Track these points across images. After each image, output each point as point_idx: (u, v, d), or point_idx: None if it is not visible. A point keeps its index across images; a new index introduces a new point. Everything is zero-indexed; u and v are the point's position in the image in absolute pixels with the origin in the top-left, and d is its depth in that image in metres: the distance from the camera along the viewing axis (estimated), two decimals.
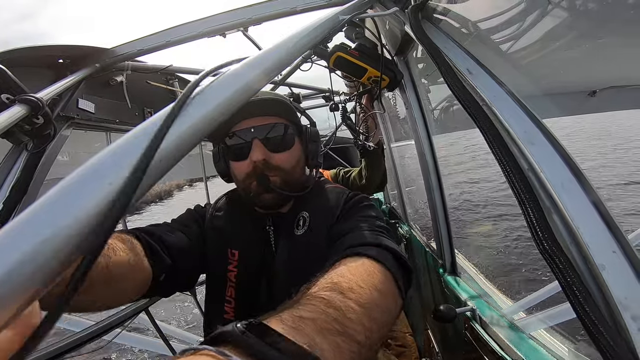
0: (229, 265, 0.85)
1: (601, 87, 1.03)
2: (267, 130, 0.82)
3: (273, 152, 0.83)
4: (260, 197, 0.84)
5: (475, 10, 0.81)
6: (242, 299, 0.83)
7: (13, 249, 0.21)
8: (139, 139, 0.29)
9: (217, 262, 0.86)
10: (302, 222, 0.86)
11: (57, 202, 0.24)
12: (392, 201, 3.02)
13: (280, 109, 0.85)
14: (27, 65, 1.23)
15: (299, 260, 0.81)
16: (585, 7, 0.63)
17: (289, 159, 0.85)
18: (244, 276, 0.84)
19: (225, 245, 0.87)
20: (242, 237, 0.87)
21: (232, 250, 0.86)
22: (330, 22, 0.73)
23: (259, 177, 0.81)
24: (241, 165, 0.84)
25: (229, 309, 0.84)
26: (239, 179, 0.86)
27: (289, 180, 0.85)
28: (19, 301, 0.21)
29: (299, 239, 0.84)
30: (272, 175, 0.83)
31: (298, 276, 0.64)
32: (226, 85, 0.39)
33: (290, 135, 0.86)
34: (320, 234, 0.82)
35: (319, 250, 0.78)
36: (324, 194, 0.92)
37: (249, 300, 0.83)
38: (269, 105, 0.83)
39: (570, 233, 0.49)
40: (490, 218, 7.44)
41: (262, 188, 0.82)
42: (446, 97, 1.42)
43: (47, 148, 1.28)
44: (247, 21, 1.25)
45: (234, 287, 0.84)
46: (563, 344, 0.80)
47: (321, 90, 2.95)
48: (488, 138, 0.60)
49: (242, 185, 0.86)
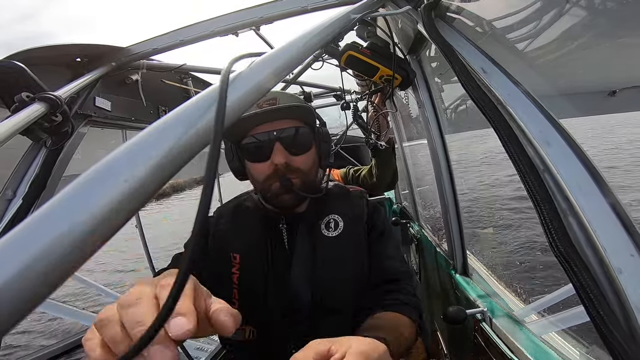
0: (232, 268, 0.88)
1: (621, 87, 1.01)
2: (288, 133, 0.85)
3: (293, 154, 0.86)
4: (280, 197, 0.87)
5: (489, 9, 0.80)
6: (245, 300, 0.87)
7: (31, 244, 0.21)
8: (154, 137, 0.29)
9: (221, 267, 0.89)
10: (333, 225, 0.92)
11: (73, 198, 0.24)
12: (404, 201, 3.00)
13: (299, 112, 0.88)
14: (45, 64, 1.27)
15: (331, 258, 0.88)
16: (604, 5, 0.61)
17: (308, 160, 0.89)
18: (247, 278, 0.87)
19: (227, 249, 0.90)
20: (244, 240, 0.91)
21: (234, 254, 0.89)
22: (342, 21, 0.73)
23: (282, 179, 0.85)
24: (261, 167, 0.86)
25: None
26: (258, 180, 0.89)
27: (308, 182, 0.89)
28: (35, 296, 0.21)
29: (331, 240, 0.90)
30: (294, 177, 0.86)
31: (324, 272, 0.86)
32: (237, 85, 0.40)
33: (309, 138, 0.89)
34: (353, 240, 0.91)
35: (351, 252, 0.90)
36: (349, 199, 0.98)
37: (252, 301, 0.87)
38: (290, 109, 0.86)
39: (586, 235, 0.48)
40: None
41: (284, 189, 0.86)
42: (460, 96, 1.41)
43: (65, 145, 1.31)
44: (259, 20, 1.26)
45: (237, 289, 0.87)
46: (575, 348, 0.79)
47: (332, 89, 2.94)
48: (503, 138, 0.59)
49: (261, 186, 0.89)
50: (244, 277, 0.88)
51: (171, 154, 0.30)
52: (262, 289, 0.87)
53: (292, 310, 0.86)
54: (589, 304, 0.43)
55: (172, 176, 0.30)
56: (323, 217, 0.93)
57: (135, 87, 1.62)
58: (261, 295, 0.87)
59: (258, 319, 0.86)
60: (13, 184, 1.25)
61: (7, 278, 0.20)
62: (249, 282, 0.87)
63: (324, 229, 0.92)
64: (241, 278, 0.87)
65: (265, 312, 0.86)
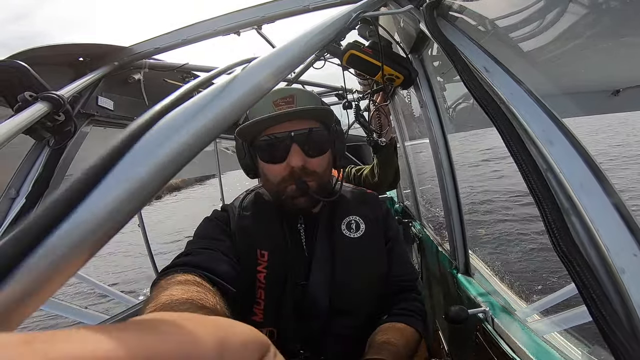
0: (258, 266, 0.84)
1: (625, 86, 1.00)
2: (306, 135, 0.82)
3: (310, 157, 0.84)
4: (295, 200, 0.85)
5: (491, 8, 0.80)
6: (270, 300, 0.84)
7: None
8: (154, 137, 0.30)
9: (247, 263, 0.85)
10: (354, 226, 0.91)
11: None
12: (406, 200, 3.00)
13: (317, 112, 0.85)
14: (48, 63, 1.27)
15: (353, 259, 0.88)
16: (607, 4, 0.61)
17: (323, 163, 0.87)
18: (274, 277, 0.84)
19: (254, 245, 0.86)
20: (270, 237, 0.88)
21: (261, 251, 0.85)
22: (343, 20, 0.72)
23: (298, 182, 0.82)
24: (277, 168, 0.84)
25: (258, 310, 0.83)
26: (272, 182, 0.86)
27: (322, 184, 0.87)
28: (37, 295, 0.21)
29: (354, 241, 0.90)
30: (310, 180, 0.84)
31: (344, 276, 0.87)
32: (240, 84, 0.40)
33: (326, 139, 0.87)
34: (374, 241, 0.92)
35: (372, 253, 0.91)
36: (367, 201, 0.99)
37: (278, 301, 0.84)
38: (308, 110, 0.83)
39: (589, 235, 0.48)
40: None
41: (299, 192, 0.83)
42: (462, 95, 1.40)
43: (68, 144, 1.32)
44: (261, 19, 1.26)
45: (263, 289, 0.83)
46: (577, 348, 0.78)
47: (334, 88, 2.94)
48: (505, 137, 0.59)
49: (275, 188, 0.86)
50: (271, 276, 0.84)
51: (173, 153, 0.30)
52: (282, 290, 0.84)
53: (310, 314, 0.84)
54: (591, 303, 0.43)
55: (174, 175, 0.31)
56: (342, 218, 0.92)
57: (137, 86, 1.62)
58: (280, 296, 0.84)
59: (279, 321, 0.84)
60: (16, 183, 1.26)
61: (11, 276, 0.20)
62: (274, 281, 0.84)
63: (345, 230, 0.90)
64: (268, 277, 0.84)
65: (281, 314, 0.84)
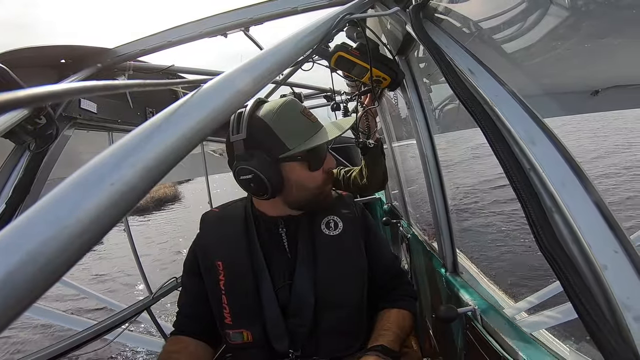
0: (219, 275, 0.92)
1: (604, 87, 1.03)
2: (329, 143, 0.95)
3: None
4: (329, 197, 1.01)
5: (476, 10, 0.81)
6: (235, 304, 0.91)
7: (15, 249, 0.21)
8: (141, 140, 0.29)
9: (210, 276, 0.93)
10: (333, 225, 0.98)
11: (59, 202, 0.24)
12: (394, 200, 3.02)
13: None
14: (29, 65, 1.24)
15: (335, 255, 0.95)
16: (587, 6, 0.63)
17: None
18: (233, 283, 0.91)
19: (212, 259, 0.94)
20: (224, 247, 0.94)
21: (217, 262, 0.93)
22: (331, 22, 0.73)
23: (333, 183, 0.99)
24: (317, 174, 0.94)
25: (227, 314, 0.91)
26: (312, 187, 0.93)
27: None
28: (20, 302, 0.21)
29: (333, 238, 0.96)
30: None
31: (327, 271, 0.93)
32: (229, 85, 0.40)
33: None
34: (353, 238, 0.99)
35: (351, 249, 0.97)
36: (343, 202, 1.06)
37: (244, 305, 0.90)
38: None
39: (571, 233, 0.49)
40: None
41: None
42: (448, 97, 1.42)
43: (49, 148, 1.29)
44: (248, 21, 1.25)
45: (225, 295, 0.91)
46: (565, 344, 0.80)
47: (323, 90, 2.95)
48: (489, 137, 0.60)
49: (316, 191, 0.94)
50: (230, 282, 0.91)
51: (159, 157, 0.29)
52: (253, 292, 0.89)
53: (296, 312, 0.89)
54: (575, 300, 0.44)
55: (161, 179, 0.30)
56: (322, 218, 0.99)
57: None
58: (254, 299, 0.89)
59: (254, 322, 0.89)
60: None
61: None
62: (235, 286, 0.90)
63: (325, 229, 0.97)
64: (226, 283, 0.91)
65: (263, 315, 0.89)
